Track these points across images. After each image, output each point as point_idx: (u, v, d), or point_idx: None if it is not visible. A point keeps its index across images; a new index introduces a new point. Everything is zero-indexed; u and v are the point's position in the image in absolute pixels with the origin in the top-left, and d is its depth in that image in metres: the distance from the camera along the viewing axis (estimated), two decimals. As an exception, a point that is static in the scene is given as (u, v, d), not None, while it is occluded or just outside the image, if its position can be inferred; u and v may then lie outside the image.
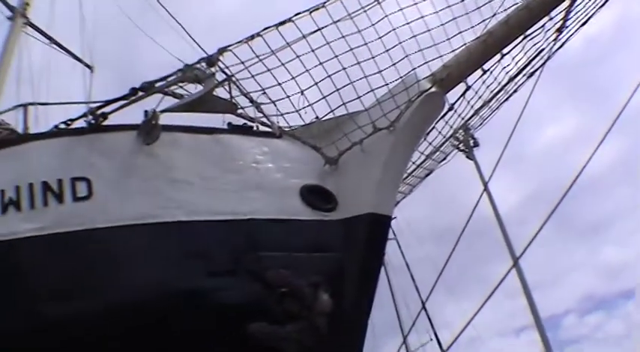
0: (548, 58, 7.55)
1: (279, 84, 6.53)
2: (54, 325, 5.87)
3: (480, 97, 7.57)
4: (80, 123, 6.89)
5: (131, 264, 6.09)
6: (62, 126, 6.92)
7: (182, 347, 6.04)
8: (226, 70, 6.62)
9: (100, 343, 5.95)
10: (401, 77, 6.74)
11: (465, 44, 6.77)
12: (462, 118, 7.74)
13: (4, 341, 5.85)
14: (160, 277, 6.04)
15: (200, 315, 6.00)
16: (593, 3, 7.17)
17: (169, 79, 6.65)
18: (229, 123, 7.10)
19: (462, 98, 7.40)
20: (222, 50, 6.55)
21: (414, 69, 6.68)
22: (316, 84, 6.51)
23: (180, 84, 6.74)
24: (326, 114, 6.84)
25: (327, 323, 6.15)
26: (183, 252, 6.15)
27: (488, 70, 7.14)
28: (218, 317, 5.98)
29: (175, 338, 5.99)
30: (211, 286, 6.07)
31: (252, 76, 6.54)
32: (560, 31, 7.34)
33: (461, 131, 10.96)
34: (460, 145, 16.89)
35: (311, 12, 6.39)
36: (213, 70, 6.56)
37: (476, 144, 18.92)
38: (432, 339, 28.02)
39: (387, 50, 6.51)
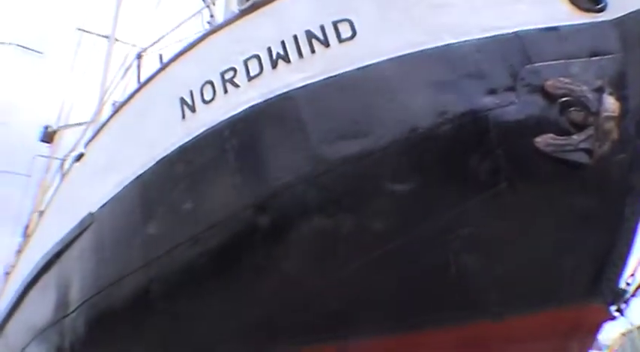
0: None
1: None
2: (341, 166, 6.16)
3: None
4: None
5: (407, 94, 6.11)
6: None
7: (464, 167, 6.03)
8: None
9: (390, 175, 6.13)
10: None
11: None
12: None
13: (295, 188, 6.30)
14: (439, 102, 6.02)
15: (485, 134, 5.95)
16: None
17: None
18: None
19: None
20: None
21: None
22: None
23: None
24: None
25: (617, 127, 5.86)
26: (458, 73, 6.04)
27: None
28: (503, 134, 5.90)
29: (460, 159, 6.01)
30: (492, 104, 5.94)
31: None
32: None
33: None
34: None
35: None
36: None
37: None
38: None
39: None
